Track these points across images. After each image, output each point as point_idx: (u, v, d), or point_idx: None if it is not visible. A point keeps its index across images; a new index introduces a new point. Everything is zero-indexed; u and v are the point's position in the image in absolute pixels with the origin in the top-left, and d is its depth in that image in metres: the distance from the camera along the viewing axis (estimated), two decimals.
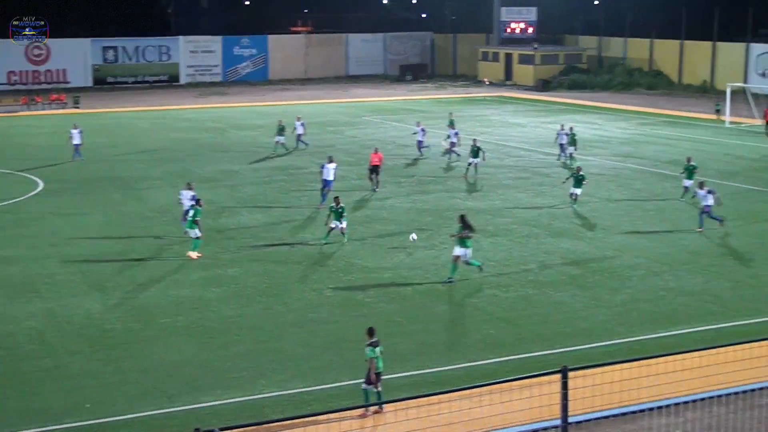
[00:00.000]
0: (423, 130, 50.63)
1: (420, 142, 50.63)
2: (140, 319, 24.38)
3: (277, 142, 51.98)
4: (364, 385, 18.50)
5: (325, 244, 31.55)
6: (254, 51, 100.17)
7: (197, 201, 31.30)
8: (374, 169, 41.18)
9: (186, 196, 33.47)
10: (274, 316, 24.76)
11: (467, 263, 27.38)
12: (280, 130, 52.01)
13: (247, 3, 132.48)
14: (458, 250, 27.32)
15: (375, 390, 18.45)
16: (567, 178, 38.80)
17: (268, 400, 19.31)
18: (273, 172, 46.13)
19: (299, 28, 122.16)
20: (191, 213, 30.54)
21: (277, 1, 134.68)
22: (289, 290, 26.89)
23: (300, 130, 53.50)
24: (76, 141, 49.32)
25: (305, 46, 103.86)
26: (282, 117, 57.58)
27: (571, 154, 47.86)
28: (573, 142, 48.05)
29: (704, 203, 33.18)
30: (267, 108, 75.77)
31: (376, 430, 17.66)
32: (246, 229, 34.25)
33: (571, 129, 48.89)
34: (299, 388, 19.82)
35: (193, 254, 30.14)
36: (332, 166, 37.69)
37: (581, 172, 37.44)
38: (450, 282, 27.11)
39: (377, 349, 18.52)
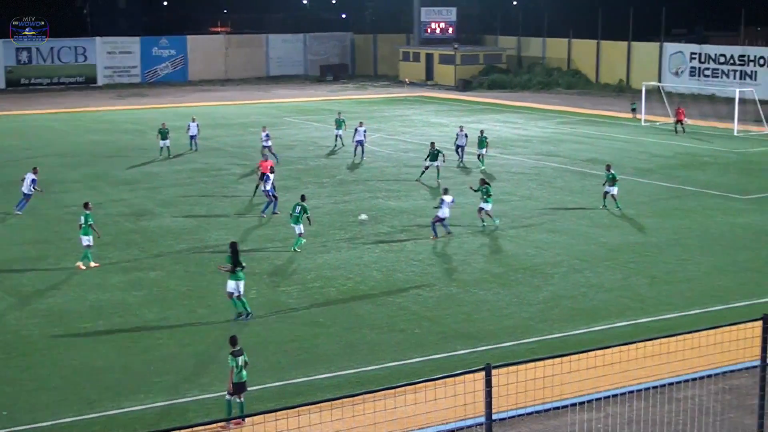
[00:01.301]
0: (267, 135, 48.73)
1: (268, 147, 47.85)
2: (59, 325, 23.93)
3: (162, 147, 50.48)
4: (227, 396, 18.16)
5: (295, 251, 30.83)
6: (173, 52, 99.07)
7: (85, 204, 29.80)
8: (263, 177, 39.59)
9: (27, 179, 36.12)
10: (197, 319, 24.53)
11: (240, 299, 24.27)
12: (164, 134, 50.56)
13: (165, 3, 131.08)
14: (231, 285, 24.10)
15: (238, 401, 18.06)
16: (476, 190, 34.44)
17: (193, 404, 19.13)
18: (194, 173, 45.69)
19: (218, 29, 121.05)
20: (82, 219, 29.05)
21: (196, 2, 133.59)
22: (213, 293, 26.65)
23: (194, 131, 52.52)
24: None
25: (225, 47, 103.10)
26: (202, 118, 57.04)
27: (480, 155, 46.12)
28: (483, 143, 46.12)
29: (440, 214, 32.22)
30: (187, 109, 74.94)
31: (300, 431, 17.59)
32: (168, 232, 33.86)
33: (482, 132, 47.28)
34: (223, 391, 19.63)
35: (82, 265, 28.99)
36: (272, 175, 36.85)
37: (487, 184, 34.20)
38: (241, 317, 24.18)
39: (240, 359, 18.04)
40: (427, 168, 43.24)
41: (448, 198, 32.52)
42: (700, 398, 18.09)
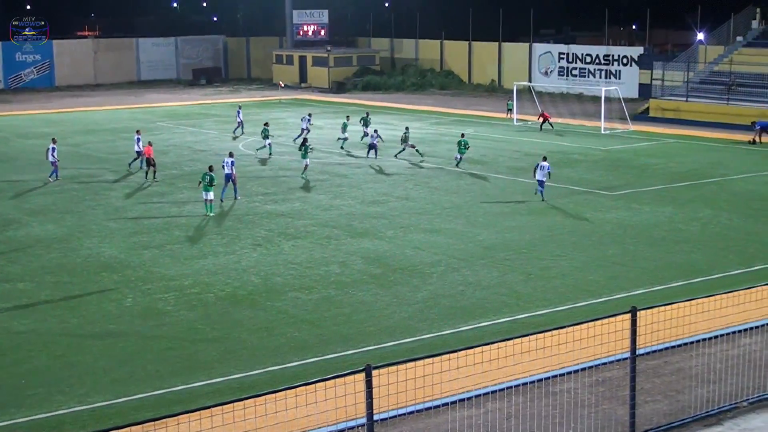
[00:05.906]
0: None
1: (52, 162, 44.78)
2: None
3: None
4: None
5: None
6: (38, 57, 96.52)
7: None
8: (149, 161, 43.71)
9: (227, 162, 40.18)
10: (70, 329, 23.89)
11: None
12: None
13: (29, 8, 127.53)
14: None
15: None
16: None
17: (68, 416, 18.60)
18: (64, 181, 44.52)
19: (86, 33, 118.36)
20: None
21: (62, 5, 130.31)
22: (86, 302, 26.02)
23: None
24: None
25: (94, 51, 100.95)
26: (72, 124, 55.68)
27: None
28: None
29: (540, 177, 39.01)
30: (55, 115, 73.12)
31: None
32: (37, 242, 32.91)
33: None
34: (100, 402, 19.20)
35: None
36: (230, 159, 39.88)
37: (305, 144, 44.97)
38: None
39: None
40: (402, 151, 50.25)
41: (545, 164, 39.15)
42: (576, 391, 18.47)
